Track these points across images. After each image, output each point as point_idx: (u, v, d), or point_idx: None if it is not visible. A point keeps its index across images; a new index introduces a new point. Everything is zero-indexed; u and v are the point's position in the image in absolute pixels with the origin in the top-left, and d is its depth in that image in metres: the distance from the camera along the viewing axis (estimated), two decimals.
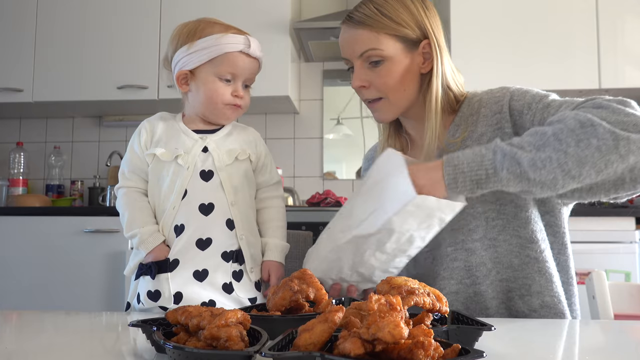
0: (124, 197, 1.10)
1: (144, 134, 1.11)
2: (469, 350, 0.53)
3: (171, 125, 1.13)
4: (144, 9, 2.78)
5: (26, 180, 3.02)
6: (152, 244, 1.05)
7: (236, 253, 1.08)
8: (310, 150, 3.09)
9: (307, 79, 3.13)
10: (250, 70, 1.12)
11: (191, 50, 1.07)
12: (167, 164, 1.08)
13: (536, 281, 1.06)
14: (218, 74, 1.08)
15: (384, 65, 1.08)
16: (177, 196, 1.06)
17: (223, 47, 1.07)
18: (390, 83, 1.09)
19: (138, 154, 1.10)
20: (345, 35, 1.11)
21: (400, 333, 0.48)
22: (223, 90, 1.09)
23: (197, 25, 1.10)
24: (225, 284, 1.06)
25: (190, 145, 1.09)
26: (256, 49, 1.11)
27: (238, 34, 1.10)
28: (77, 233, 2.45)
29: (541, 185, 0.87)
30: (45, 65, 2.79)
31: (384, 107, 1.12)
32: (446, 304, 0.68)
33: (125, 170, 1.12)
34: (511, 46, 2.57)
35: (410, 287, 0.67)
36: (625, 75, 2.54)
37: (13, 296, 2.43)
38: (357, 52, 1.09)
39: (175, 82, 1.12)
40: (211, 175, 1.08)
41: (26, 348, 0.72)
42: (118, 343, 0.79)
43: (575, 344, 0.82)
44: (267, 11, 2.71)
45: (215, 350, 0.56)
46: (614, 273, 2.16)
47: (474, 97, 1.16)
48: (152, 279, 1.04)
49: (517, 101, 1.07)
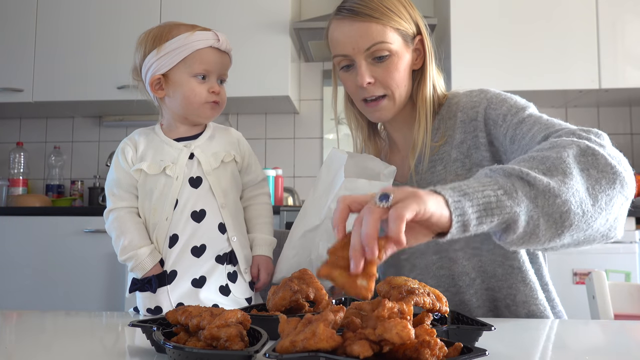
0: (115, 221, 1.07)
1: (129, 151, 1.10)
2: (471, 349, 0.53)
3: (152, 138, 1.11)
4: (144, 9, 2.78)
5: (26, 180, 3.02)
6: (149, 264, 1.03)
7: (229, 255, 1.08)
8: (310, 150, 3.09)
9: (307, 79, 3.13)
10: (223, 65, 1.10)
11: (161, 53, 1.06)
12: (155, 177, 1.06)
13: (520, 291, 1.05)
14: (192, 73, 1.07)
15: (390, 60, 1.05)
16: (169, 207, 1.05)
17: (193, 44, 1.06)
18: (397, 79, 1.06)
19: (126, 171, 1.08)
20: (347, 29, 1.04)
21: (409, 334, 0.49)
22: (199, 88, 1.07)
23: (161, 30, 1.09)
24: (221, 286, 1.06)
25: (176, 154, 1.08)
26: (225, 42, 1.10)
27: (204, 30, 1.09)
28: (77, 233, 2.45)
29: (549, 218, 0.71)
30: (45, 65, 2.79)
31: (387, 105, 1.09)
32: (446, 304, 0.68)
33: (114, 190, 1.09)
34: (511, 46, 2.57)
35: (410, 287, 0.67)
36: (625, 75, 2.54)
37: (13, 296, 2.43)
38: (363, 46, 1.03)
39: (149, 88, 1.10)
40: (200, 182, 1.07)
41: (26, 348, 0.72)
42: (118, 343, 0.79)
43: (576, 343, 0.82)
44: (267, 11, 2.71)
45: (215, 350, 0.56)
46: (614, 273, 2.16)
47: (453, 98, 1.13)
48: (154, 293, 1.03)
49: (493, 110, 1.03)
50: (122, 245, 1.04)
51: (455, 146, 1.07)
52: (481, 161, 1.05)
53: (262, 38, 2.68)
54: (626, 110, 2.96)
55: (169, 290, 1.03)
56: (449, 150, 1.08)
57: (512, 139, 0.97)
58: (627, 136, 2.95)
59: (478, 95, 1.08)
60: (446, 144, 1.09)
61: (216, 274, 1.06)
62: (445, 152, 1.09)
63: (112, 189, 1.10)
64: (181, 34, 1.06)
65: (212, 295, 1.05)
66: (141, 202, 1.08)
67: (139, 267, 1.03)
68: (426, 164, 1.11)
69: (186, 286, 1.04)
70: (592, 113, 2.96)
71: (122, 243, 1.04)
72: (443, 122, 1.11)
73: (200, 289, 1.04)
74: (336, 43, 1.07)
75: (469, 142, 1.06)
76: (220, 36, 1.09)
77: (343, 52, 1.06)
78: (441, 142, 1.09)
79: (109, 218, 1.08)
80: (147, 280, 1.03)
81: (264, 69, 2.66)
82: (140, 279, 1.03)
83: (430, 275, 1.10)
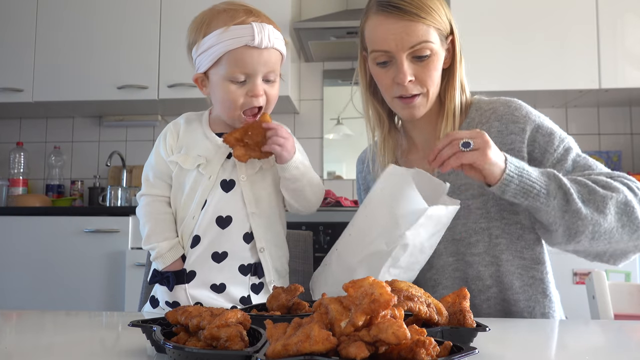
0: (145, 207, 1.04)
1: (169, 137, 1.05)
2: (461, 347, 0.53)
3: (195, 128, 1.05)
4: (144, 9, 2.78)
5: (26, 180, 3.02)
6: (169, 259, 1.01)
7: (254, 266, 1.03)
8: (310, 150, 3.05)
9: (307, 79, 3.13)
10: (266, 64, 0.98)
11: (199, 50, 0.98)
12: (188, 172, 1.02)
13: (540, 302, 1.06)
14: (227, 76, 0.97)
15: (431, 60, 1.05)
16: (197, 206, 1.01)
17: (225, 44, 0.95)
18: (435, 77, 1.07)
19: (163, 159, 1.04)
20: (393, 26, 1.03)
21: (405, 334, 0.49)
22: (235, 94, 0.98)
23: (204, 18, 1.00)
24: (243, 297, 1.03)
25: (214, 151, 1.02)
26: (264, 38, 0.96)
27: (244, 23, 0.96)
28: (77, 233, 2.45)
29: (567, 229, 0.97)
30: (45, 65, 2.79)
31: (421, 103, 1.09)
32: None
33: (150, 176, 1.06)
34: (511, 45, 2.57)
35: (411, 293, 0.65)
36: (625, 75, 2.54)
37: (13, 296, 2.43)
38: (408, 44, 1.03)
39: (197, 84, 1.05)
40: (232, 185, 1.01)
41: (26, 348, 0.72)
42: (118, 343, 0.79)
43: (575, 344, 0.82)
44: (267, 11, 2.67)
45: (215, 350, 0.56)
46: (614, 273, 2.16)
47: (481, 103, 1.14)
48: (170, 291, 1.01)
49: (543, 136, 1.07)
50: (147, 233, 1.02)
51: None
52: None
53: None
54: (626, 110, 2.96)
55: (186, 288, 1.01)
56: None
57: (560, 171, 1.05)
58: (627, 136, 2.95)
59: (519, 110, 1.10)
60: None
61: (238, 284, 1.02)
62: None
63: (148, 173, 1.07)
64: (218, 27, 0.96)
65: (229, 305, 1.02)
66: (174, 193, 1.05)
67: (160, 259, 1.01)
68: None
69: (205, 289, 1.01)
70: (592, 113, 2.96)
71: (147, 231, 1.02)
72: (473, 126, 1.12)
73: (218, 295, 1.01)
74: (378, 38, 1.05)
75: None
76: (259, 31, 0.96)
77: (385, 47, 1.04)
78: None
79: (140, 202, 1.06)
80: (166, 276, 1.00)
81: None
82: (161, 271, 1.02)
83: (446, 276, 1.11)
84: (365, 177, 1.31)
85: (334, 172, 3.08)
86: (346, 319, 0.52)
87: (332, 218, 2.36)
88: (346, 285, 0.54)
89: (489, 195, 1.07)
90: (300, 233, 1.40)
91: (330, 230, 2.33)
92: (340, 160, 3.09)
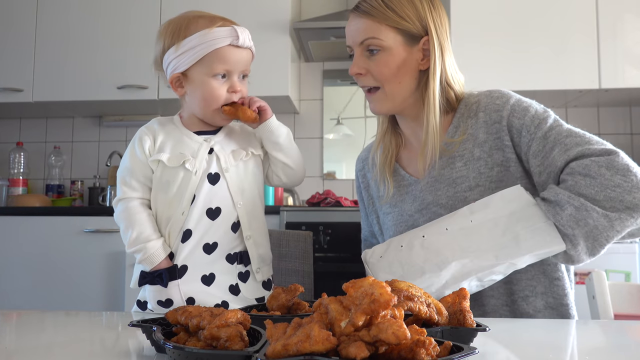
0: (125, 211, 1.05)
1: (147, 140, 1.06)
2: (461, 348, 0.53)
3: (171, 129, 1.09)
4: (144, 9, 2.78)
5: (26, 180, 3.02)
6: (158, 258, 1.02)
7: (240, 254, 1.07)
8: (310, 150, 3.08)
9: (307, 79, 3.13)
10: (244, 62, 1.07)
11: (179, 51, 1.04)
12: (174, 170, 1.04)
13: (541, 282, 1.07)
14: (211, 73, 1.04)
15: (381, 55, 1.11)
16: (187, 202, 1.04)
17: (210, 43, 1.02)
18: (386, 73, 1.11)
19: (142, 161, 1.06)
20: (351, 23, 1.15)
21: (405, 334, 0.49)
22: (218, 90, 1.05)
23: (180, 23, 1.06)
24: (231, 285, 1.06)
25: (196, 148, 1.06)
26: (246, 38, 1.06)
27: (224, 25, 1.04)
28: (77, 233, 2.45)
29: None
30: (45, 65, 2.79)
31: (379, 98, 1.14)
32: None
33: (127, 180, 1.06)
34: (511, 45, 2.57)
35: (411, 293, 0.65)
36: (625, 75, 2.54)
37: (13, 296, 2.43)
38: (358, 39, 1.12)
39: (170, 86, 1.09)
40: (218, 178, 1.06)
41: (26, 348, 0.72)
42: (118, 343, 0.79)
43: (575, 344, 0.82)
44: (267, 11, 2.71)
45: (215, 350, 0.56)
46: (614, 273, 2.16)
47: (470, 97, 1.16)
48: (165, 287, 1.02)
49: (517, 119, 1.07)
50: (131, 237, 1.03)
51: (478, 144, 1.10)
52: (503, 162, 1.08)
53: (262, 38, 2.67)
54: (626, 110, 2.96)
55: (179, 284, 1.03)
56: (472, 148, 1.11)
57: (535, 154, 1.04)
58: (627, 136, 2.95)
59: (500, 98, 1.12)
60: (467, 141, 1.11)
61: (226, 273, 1.06)
62: (466, 149, 1.11)
63: (125, 177, 1.07)
64: (200, 29, 1.03)
65: (220, 293, 1.05)
66: (154, 194, 1.07)
67: (147, 260, 1.02)
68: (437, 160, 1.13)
69: (196, 282, 1.04)
70: (592, 113, 2.96)
71: (130, 235, 1.03)
72: (463, 120, 1.14)
73: (209, 287, 1.04)
74: (346, 35, 1.18)
75: (490, 143, 1.10)
76: (241, 32, 1.05)
77: (348, 42, 1.16)
78: (461, 139, 1.12)
79: (119, 207, 1.06)
80: (158, 274, 1.02)
81: (264, 69, 2.65)
82: (150, 272, 1.03)
83: None
84: (365, 175, 1.33)
85: (334, 172, 3.08)
86: (346, 319, 0.52)
87: (332, 218, 2.36)
88: (346, 285, 0.54)
89: (485, 185, 1.08)
90: (300, 233, 1.40)
91: (330, 230, 2.33)
92: (340, 160, 3.09)
